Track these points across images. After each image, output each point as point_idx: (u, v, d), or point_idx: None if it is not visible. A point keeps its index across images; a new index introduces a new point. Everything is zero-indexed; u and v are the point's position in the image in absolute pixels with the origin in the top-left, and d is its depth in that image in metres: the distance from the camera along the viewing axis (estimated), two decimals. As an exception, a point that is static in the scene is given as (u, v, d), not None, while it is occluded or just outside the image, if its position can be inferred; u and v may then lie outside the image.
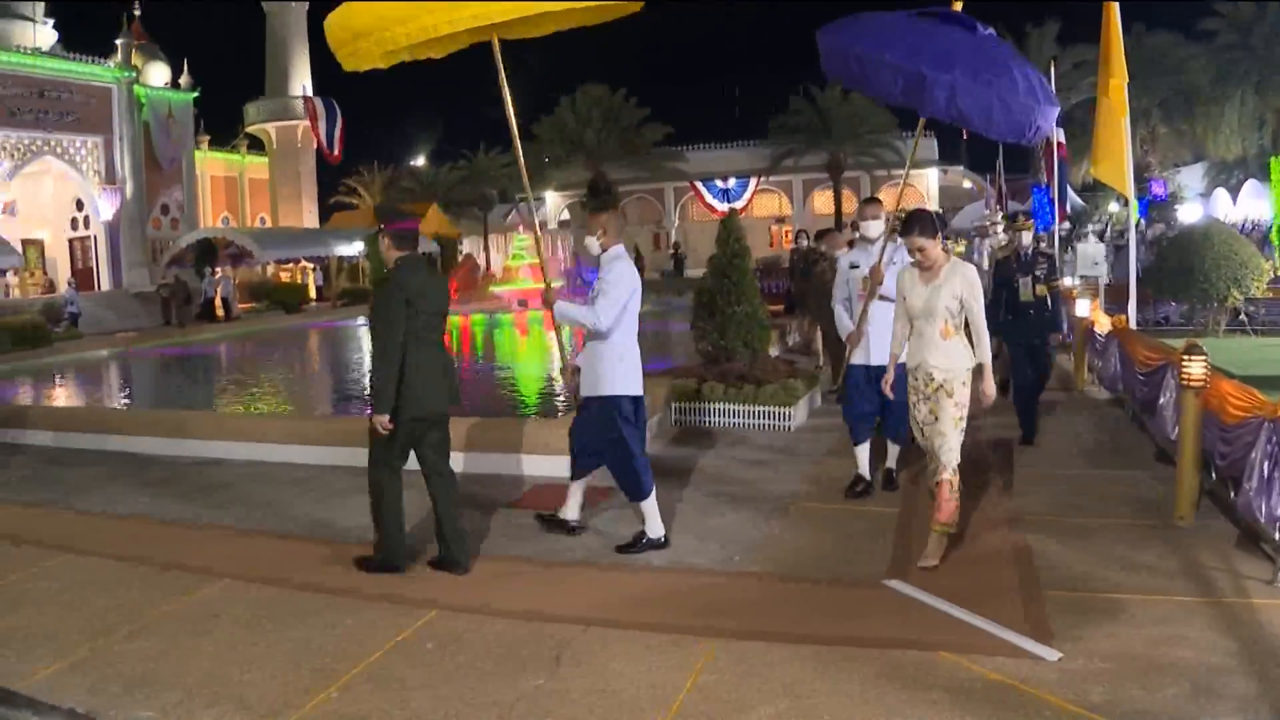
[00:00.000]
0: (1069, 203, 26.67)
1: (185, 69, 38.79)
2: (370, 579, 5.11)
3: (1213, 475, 5.81)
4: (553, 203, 50.45)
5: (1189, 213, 28.43)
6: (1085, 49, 31.68)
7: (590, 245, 5.51)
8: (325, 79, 46.13)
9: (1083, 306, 10.48)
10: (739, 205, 43.80)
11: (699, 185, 48.26)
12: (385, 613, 4.64)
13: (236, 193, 45.57)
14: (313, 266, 37.30)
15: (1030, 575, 4.79)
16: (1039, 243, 8.55)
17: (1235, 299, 14.13)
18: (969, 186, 47.96)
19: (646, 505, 5.46)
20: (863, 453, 6.43)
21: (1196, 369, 5.56)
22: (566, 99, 44.18)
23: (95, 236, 34.63)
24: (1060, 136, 16.25)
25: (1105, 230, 29.21)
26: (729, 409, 8.74)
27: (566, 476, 5.83)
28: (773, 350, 10.64)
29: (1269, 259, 14.81)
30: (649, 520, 5.46)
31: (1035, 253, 8.05)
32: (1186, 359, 5.60)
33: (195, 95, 38.75)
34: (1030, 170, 33.41)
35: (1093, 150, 10.73)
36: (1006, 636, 4.06)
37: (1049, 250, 9.11)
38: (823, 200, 46.79)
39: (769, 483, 6.81)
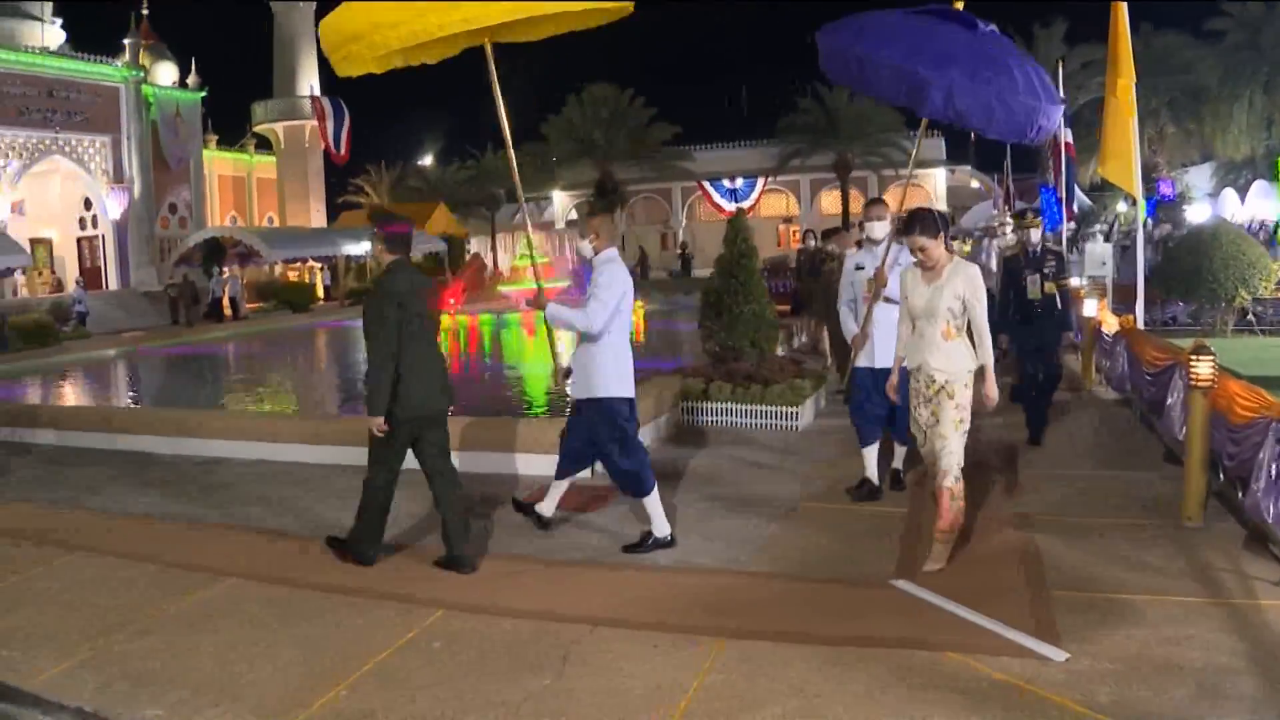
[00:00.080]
0: (1076, 202, 26.62)
1: (193, 68, 38.93)
2: (378, 578, 5.12)
3: (1221, 476, 5.79)
4: (560, 202, 50.45)
5: (1197, 213, 28.38)
6: (1093, 48, 31.67)
7: (583, 248, 5.53)
8: (332, 79, 45.11)
9: (1090, 307, 10.45)
10: (746, 205, 43.82)
11: (706, 185, 48.22)
12: (392, 612, 4.65)
13: (244, 192, 45.64)
14: (320, 266, 37.32)
15: (1037, 575, 4.78)
16: (1047, 240, 8.50)
17: (1243, 299, 14.07)
18: (976, 186, 47.94)
19: (650, 503, 5.47)
20: (870, 455, 6.40)
21: (1204, 369, 5.53)
22: (574, 98, 44.23)
23: (103, 236, 34.75)
24: (1068, 136, 16.19)
25: (1111, 230, 29.16)
26: (736, 409, 8.74)
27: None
28: (780, 350, 10.63)
29: (1277, 259, 14.73)
30: (654, 519, 5.47)
31: (1044, 250, 7.95)
32: (1194, 359, 5.57)
33: (203, 95, 38.88)
34: (1038, 170, 33.34)
35: (1100, 150, 10.72)
36: (1013, 637, 4.05)
37: (1057, 248, 9.06)
38: (830, 200, 46.76)
39: (776, 483, 6.81)
